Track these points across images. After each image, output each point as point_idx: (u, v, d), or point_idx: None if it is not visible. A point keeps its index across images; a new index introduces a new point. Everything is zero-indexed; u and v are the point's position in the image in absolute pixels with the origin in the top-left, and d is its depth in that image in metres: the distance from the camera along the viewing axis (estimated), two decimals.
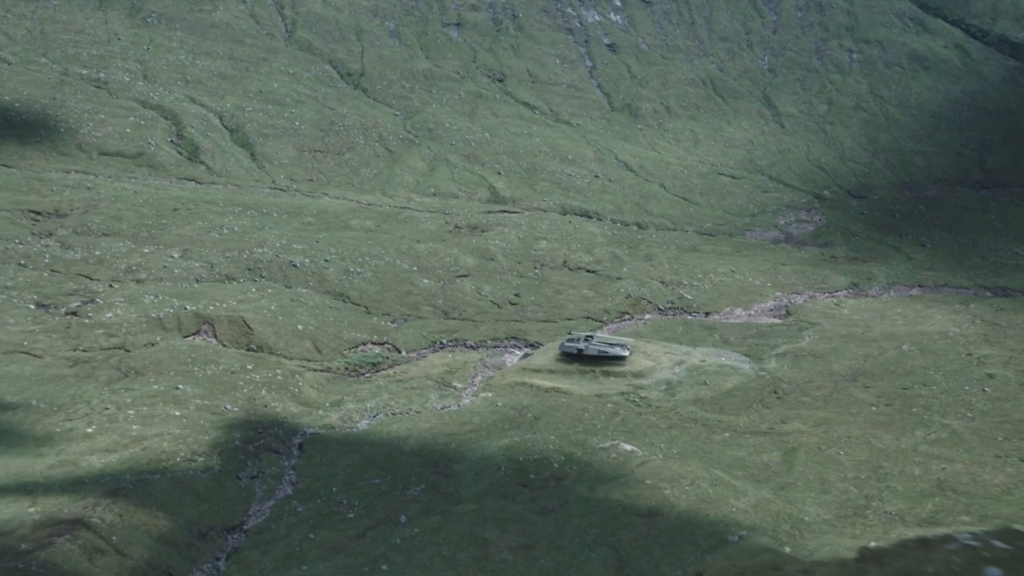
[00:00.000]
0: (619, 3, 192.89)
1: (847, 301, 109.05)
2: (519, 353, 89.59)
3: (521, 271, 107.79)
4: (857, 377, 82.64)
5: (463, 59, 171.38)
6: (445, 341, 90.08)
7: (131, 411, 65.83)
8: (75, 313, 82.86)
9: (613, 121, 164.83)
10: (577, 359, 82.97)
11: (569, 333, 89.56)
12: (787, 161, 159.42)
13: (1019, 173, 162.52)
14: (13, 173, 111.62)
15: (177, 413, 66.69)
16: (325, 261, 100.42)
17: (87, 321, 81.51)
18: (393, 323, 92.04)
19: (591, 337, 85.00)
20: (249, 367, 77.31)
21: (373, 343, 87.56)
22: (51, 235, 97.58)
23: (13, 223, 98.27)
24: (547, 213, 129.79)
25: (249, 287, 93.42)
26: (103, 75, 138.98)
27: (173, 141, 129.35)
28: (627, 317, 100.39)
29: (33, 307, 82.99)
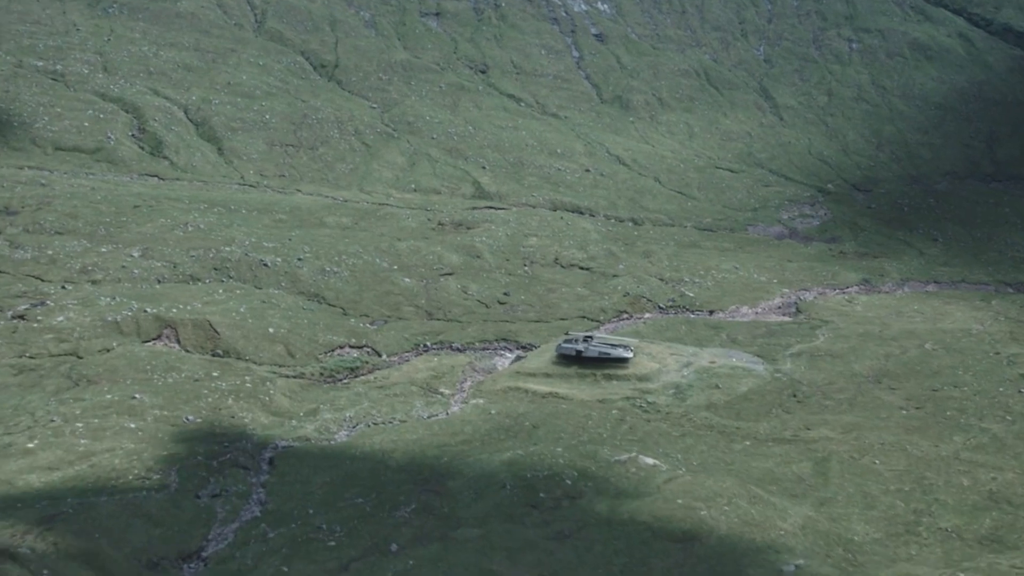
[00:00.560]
0: None
1: (860, 298, 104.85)
2: (510, 356, 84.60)
3: (510, 269, 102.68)
4: (881, 378, 78.09)
5: (443, 50, 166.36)
6: (429, 343, 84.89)
7: (80, 424, 60.07)
8: (23, 317, 77.15)
9: (603, 113, 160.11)
10: (576, 361, 77.86)
11: (566, 333, 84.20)
12: (788, 154, 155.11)
13: None
14: None
15: (132, 425, 60.99)
16: (298, 260, 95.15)
17: (36, 325, 75.82)
18: (372, 325, 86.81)
19: (590, 338, 79.75)
20: (215, 374, 71.88)
21: (351, 346, 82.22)
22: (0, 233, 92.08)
23: None
24: (536, 209, 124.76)
25: (216, 288, 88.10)
26: (60, 67, 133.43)
27: (134, 135, 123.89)
28: (625, 316, 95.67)
29: None
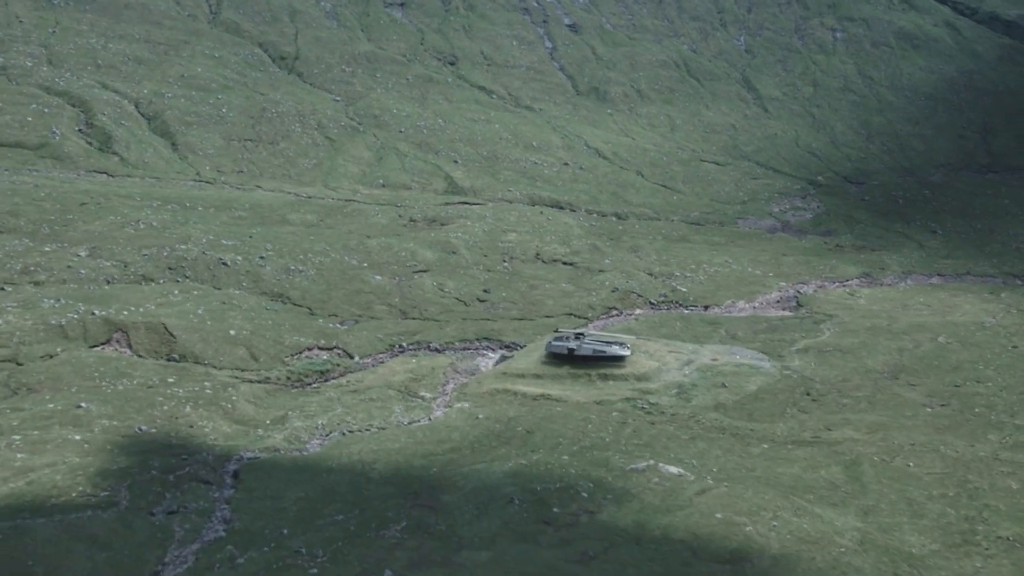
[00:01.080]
0: None
1: (862, 291, 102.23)
2: (494, 355, 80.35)
3: (488, 265, 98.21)
4: (898, 374, 74.36)
5: (409, 41, 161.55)
6: (405, 344, 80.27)
7: (17, 436, 54.64)
8: None
9: (579, 106, 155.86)
10: (568, 360, 73.44)
11: (555, 330, 79.24)
12: (775, 146, 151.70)
13: None
14: None
15: (77, 437, 55.59)
16: (260, 258, 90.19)
17: None
18: (342, 325, 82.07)
19: (582, 335, 74.87)
20: (171, 380, 67.01)
21: (320, 348, 77.37)
22: None
23: None
24: (513, 204, 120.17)
25: (171, 289, 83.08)
26: (1, 60, 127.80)
27: (82, 130, 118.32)
28: (615, 313, 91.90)
29: None
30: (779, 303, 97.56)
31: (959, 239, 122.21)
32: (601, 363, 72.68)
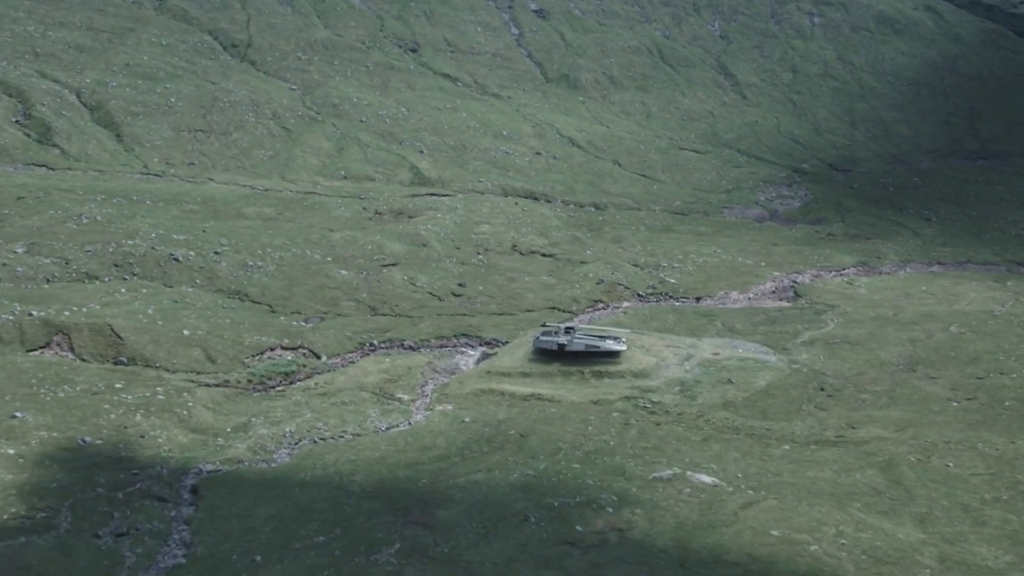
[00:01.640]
0: None
1: (861, 280, 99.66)
2: (474, 353, 76.95)
3: (461, 258, 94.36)
4: (915, 366, 71.51)
5: (368, 28, 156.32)
6: (376, 342, 76.60)
7: None
8: None
9: (549, 93, 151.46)
10: (558, 357, 69.74)
11: (543, 325, 74.47)
12: (756, 134, 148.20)
13: (1016, 142, 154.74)
14: None
15: (11, 451, 51.59)
16: (215, 254, 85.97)
17: None
18: (307, 323, 78.38)
19: (572, 329, 70.26)
20: (118, 386, 63.33)
21: (283, 348, 73.57)
22: None
23: None
24: (485, 195, 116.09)
25: (117, 287, 79.46)
26: None
27: (19, 122, 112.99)
28: (601, 306, 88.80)
29: None
30: (775, 294, 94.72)
31: (955, 227, 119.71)
32: (594, 359, 68.92)
